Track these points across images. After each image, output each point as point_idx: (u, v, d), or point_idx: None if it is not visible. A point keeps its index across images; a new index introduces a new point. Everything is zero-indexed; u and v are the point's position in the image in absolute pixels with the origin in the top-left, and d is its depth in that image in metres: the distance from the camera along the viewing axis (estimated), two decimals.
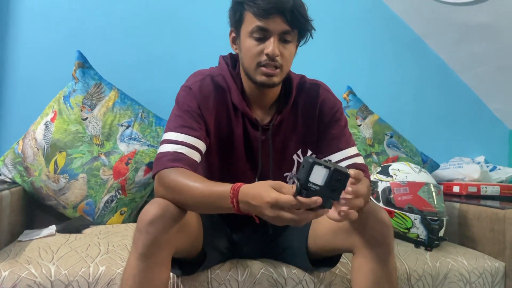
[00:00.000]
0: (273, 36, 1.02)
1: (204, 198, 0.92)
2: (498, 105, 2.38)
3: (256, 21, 1.02)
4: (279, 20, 1.01)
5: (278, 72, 1.05)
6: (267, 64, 1.03)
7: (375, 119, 2.06)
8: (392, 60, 2.29)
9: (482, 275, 1.40)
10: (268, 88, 1.10)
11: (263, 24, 1.01)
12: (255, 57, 1.04)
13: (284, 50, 1.04)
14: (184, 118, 1.07)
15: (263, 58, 1.03)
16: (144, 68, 1.94)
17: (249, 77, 1.09)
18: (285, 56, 1.05)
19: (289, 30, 1.03)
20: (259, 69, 1.05)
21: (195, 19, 2.02)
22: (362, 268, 1.02)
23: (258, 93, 1.14)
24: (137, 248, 0.91)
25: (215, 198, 0.91)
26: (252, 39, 1.04)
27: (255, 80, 1.07)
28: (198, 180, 0.95)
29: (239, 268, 1.18)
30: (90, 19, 1.90)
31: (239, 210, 0.88)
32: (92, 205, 1.59)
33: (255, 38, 1.03)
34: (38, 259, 1.16)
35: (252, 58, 1.05)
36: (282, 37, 1.03)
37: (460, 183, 1.97)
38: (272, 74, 1.04)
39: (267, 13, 1.00)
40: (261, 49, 1.03)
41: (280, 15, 1.00)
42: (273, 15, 1.00)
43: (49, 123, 1.59)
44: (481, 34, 2.06)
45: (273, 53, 1.02)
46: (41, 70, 1.83)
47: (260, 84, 1.07)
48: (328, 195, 0.80)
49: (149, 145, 1.67)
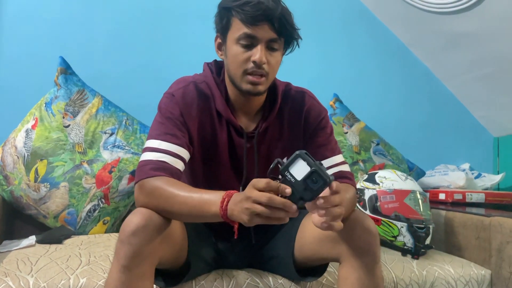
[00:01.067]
0: (260, 44, 1.01)
1: (191, 203, 0.91)
2: (483, 112, 2.40)
3: (243, 27, 1.00)
4: (266, 28, 1.00)
5: (264, 81, 1.04)
6: (253, 72, 1.02)
7: (362, 126, 2.07)
8: (378, 68, 2.31)
9: (468, 283, 1.40)
10: (253, 96, 1.09)
11: (251, 31, 1.00)
12: (241, 64, 1.03)
13: (270, 58, 1.03)
14: (166, 125, 1.05)
15: (249, 65, 1.02)
16: (128, 75, 1.92)
17: (234, 84, 1.08)
18: (272, 64, 1.04)
19: (276, 38, 1.02)
20: (245, 77, 1.03)
21: (180, 25, 2.01)
22: (348, 277, 1.01)
23: (243, 100, 1.12)
24: (119, 260, 0.89)
25: (202, 203, 0.90)
26: (239, 46, 1.02)
27: (240, 88, 1.06)
28: (183, 187, 0.94)
29: (224, 279, 1.16)
30: (73, 25, 1.88)
31: (225, 213, 0.86)
32: (73, 214, 1.55)
33: (242, 45, 1.02)
34: (16, 271, 1.12)
35: (238, 65, 1.03)
36: (269, 45, 1.02)
37: (446, 190, 1.98)
38: (257, 82, 1.03)
39: (255, 20, 0.99)
40: (248, 56, 1.02)
41: (268, 22, 1.00)
42: (261, 23, 0.99)
43: (30, 130, 1.56)
44: (466, 43, 2.08)
45: (260, 61, 1.00)
46: (22, 76, 1.80)
47: (245, 92, 1.06)
48: (301, 193, 0.80)
49: (133, 153, 1.64)
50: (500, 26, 1.90)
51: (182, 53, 1.98)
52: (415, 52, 2.35)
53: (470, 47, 2.09)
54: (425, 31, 2.21)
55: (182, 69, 1.31)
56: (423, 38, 2.26)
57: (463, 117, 2.43)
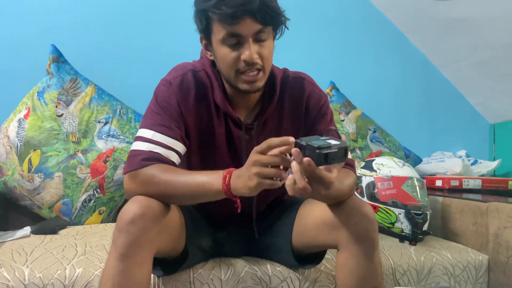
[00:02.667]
0: (247, 41, 0.95)
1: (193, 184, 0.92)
2: (479, 99, 2.40)
3: (225, 27, 0.94)
4: (249, 22, 0.93)
5: (261, 76, 1.00)
6: (246, 70, 0.98)
7: (358, 114, 2.06)
8: (374, 55, 2.29)
9: (466, 269, 1.40)
10: (253, 93, 1.05)
11: (233, 29, 0.94)
12: (232, 65, 0.98)
13: (262, 50, 0.98)
14: (162, 115, 1.02)
15: (241, 65, 0.97)
16: (122, 62, 1.89)
17: (230, 84, 1.04)
18: (265, 55, 0.99)
19: (262, 28, 0.96)
20: (239, 77, 0.99)
21: (175, 10, 1.96)
22: (347, 264, 1.00)
23: (240, 95, 1.08)
24: (117, 248, 0.88)
25: (203, 182, 0.91)
26: (225, 47, 0.97)
27: (237, 88, 1.02)
28: (180, 171, 0.95)
29: (222, 267, 1.15)
30: (65, 11, 1.84)
31: (228, 188, 0.88)
32: (69, 204, 1.54)
33: (228, 45, 0.97)
34: (11, 261, 1.10)
35: (229, 67, 0.99)
36: (257, 37, 0.97)
37: (442, 177, 1.98)
38: (254, 80, 0.99)
39: (234, 17, 0.92)
40: (237, 55, 0.97)
41: (249, 16, 0.92)
42: (241, 18, 0.92)
43: (22, 120, 1.53)
44: (462, 29, 2.07)
45: (251, 59, 0.95)
46: (14, 64, 1.76)
47: (244, 92, 1.02)
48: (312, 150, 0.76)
49: (128, 142, 1.62)
50: (496, 12, 1.88)
51: (177, 41, 1.95)
52: (411, 39, 2.33)
53: (466, 33, 2.08)
54: (421, 18, 2.19)
55: (178, 57, 1.28)
56: (419, 25, 2.24)
57: (459, 104, 2.42)
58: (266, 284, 1.15)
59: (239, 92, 1.05)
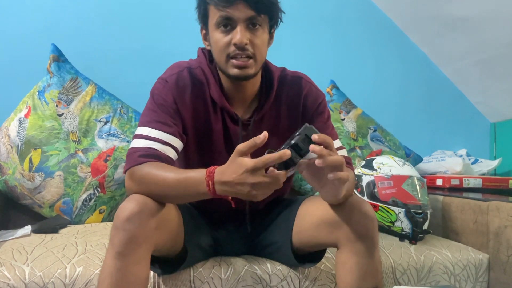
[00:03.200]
0: (239, 25, 0.98)
1: (180, 186, 0.90)
2: (479, 98, 2.40)
3: (219, 11, 0.98)
4: (242, 7, 0.96)
5: (252, 63, 1.01)
6: (237, 54, 0.99)
7: (359, 113, 2.05)
8: (374, 54, 2.29)
9: (466, 268, 1.40)
10: (243, 80, 1.05)
11: (226, 13, 0.97)
12: (223, 49, 1.00)
13: (254, 38, 0.99)
14: (158, 112, 1.02)
15: (231, 49, 0.99)
16: (123, 62, 1.89)
17: (222, 71, 1.05)
18: (257, 44, 1.00)
19: (254, 15, 0.98)
20: (229, 61, 1.00)
21: (174, 9, 1.97)
22: (346, 262, 1.00)
23: (236, 87, 1.09)
24: (114, 246, 0.88)
25: (191, 183, 0.89)
26: (218, 32, 1.00)
27: (228, 74, 1.03)
28: (172, 169, 0.93)
29: (222, 266, 1.15)
30: (65, 11, 1.83)
31: (215, 193, 0.86)
32: (69, 203, 1.54)
33: (221, 30, 0.99)
34: (12, 260, 1.11)
35: (221, 51, 1.00)
36: (249, 23, 0.99)
37: (443, 176, 1.97)
38: (244, 65, 1.00)
39: (228, 1, 0.96)
40: (229, 39, 0.99)
41: (242, 1, 0.96)
42: (235, 2, 0.96)
43: (23, 119, 1.53)
44: (462, 28, 2.07)
45: (240, 42, 0.97)
46: (14, 64, 1.76)
47: (234, 77, 1.03)
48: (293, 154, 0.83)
49: (128, 141, 1.62)
50: (497, 10, 1.88)
51: (177, 40, 1.95)
52: (411, 38, 2.33)
53: (467, 32, 2.08)
54: (421, 16, 2.19)
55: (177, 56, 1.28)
56: (420, 24, 2.24)
57: (459, 103, 2.42)
58: (266, 283, 1.15)
59: (232, 82, 1.07)
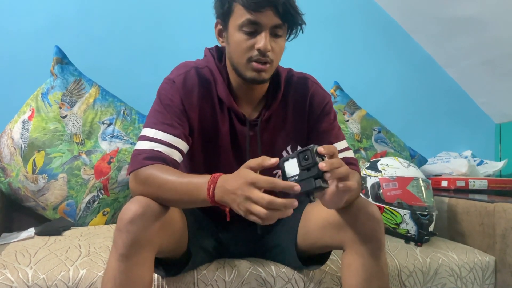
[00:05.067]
0: (264, 31, 0.97)
1: (181, 190, 0.89)
2: (484, 99, 2.38)
3: (246, 14, 0.97)
4: (270, 14, 0.96)
5: (268, 68, 1.01)
6: (258, 59, 0.99)
7: (363, 114, 2.04)
8: (378, 54, 2.28)
9: (472, 270, 1.39)
10: (257, 84, 1.06)
11: (254, 17, 0.96)
12: (245, 52, 0.99)
13: (275, 45, 1.00)
14: (164, 114, 1.02)
15: (254, 53, 0.99)
16: (126, 63, 1.89)
17: (237, 72, 1.05)
18: (276, 51, 1.01)
19: (280, 24, 0.99)
20: (249, 64, 1.00)
21: (179, 10, 1.97)
22: (352, 265, 0.99)
23: (245, 88, 1.09)
24: (118, 248, 0.87)
25: (192, 188, 0.88)
26: (242, 33, 0.99)
27: (244, 76, 1.03)
28: (175, 173, 0.92)
29: (226, 268, 1.14)
30: (68, 13, 1.84)
31: (213, 199, 0.85)
32: (73, 206, 1.53)
33: (245, 32, 0.98)
34: (15, 263, 1.10)
35: (242, 53, 1.00)
36: (273, 31, 0.99)
37: (448, 177, 1.96)
38: (262, 69, 1.00)
39: (258, 6, 0.95)
40: (252, 43, 0.98)
41: (272, 8, 0.96)
42: (265, 8, 0.95)
43: (26, 121, 1.53)
44: (466, 28, 2.06)
45: (265, 48, 0.97)
46: (18, 66, 1.76)
47: (250, 80, 1.03)
48: (308, 176, 0.82)
49: (132, 143, 1.62)
50: (501, 10, 1.87)
51: (179, 41, 1.95)
52: (416, 39, 2.32)
53: (471, 32, 2.06)
54: (425, 17, 2.18)
55: (180, 57, 1.28)
56: (424, 24, 2.23)
57: (464, 104, 2.41)
58: (270, 285, 1.14)
59: (243, 82, 1.06)
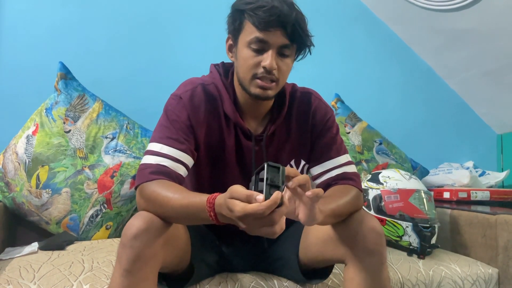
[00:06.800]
0: (271, 49, 0.99)
1: (184, 210, 0.89)
2: (485, 110, 2.39)
3: (255, 32, 0.99)
4: (279, 34, 0.98)
5: (274, 86, 1.03)
6: (263, 77, 1.01)
7: (364, 126, 2.05)
8: (379, 67, 2.30)
9: (476, 282, 1.38)
10: (262, 100, 1.07)
11: (263, 36, 0.98)
12: (251, 69, 1.01)
13: (281, 64, 1.02)
14: (170, 129, 1.03)
15: (259, 70, 1.01)
16: (129, 78, 1.91)
17: (243, 87, 1.06)
18: (282, 70, 1.03)
19: (288, 44, 1.00)
20: (254, 81, 1.02)
21: (180, 28, 2.00)
22: (354, 279, 0.99)
23: (251, 103, 1.11)
24: (121, 264, 0.87)
25: (193, 210, 0.87)
26: (249, 50, 1.01)
27: (249, 91, 1.05)
28: (178, 191, 0.92)
29: (229, 282, 1.14)
30: (72, 29, 1.86)
31: (219, 223, 0.85)
32: (76, 220, 1.54)
33: (253, 49, 1.00)
34: (19, 278, 1.11)
35: (248, 69, 1.02)
36: (281, 50, 1.01)
37: (450, 189, 1.96)
38: (267, 87, 1.02)
39: (268, 25, 0.97)
40: (258, 61, 1.00)
41: (281, 28, 0.98)
42: (273, 28, 0.97)
43: (30, 136, 1.55)
44: (466, 40, 2.07)
45: (270, 67, 0.99)
46: (22, 81, 1.78)
47: (254, 96, 1.04)
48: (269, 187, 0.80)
49: (135, 157, 1.63)
50: (501, 22, 1.89)
51: (182, 56, 1.97)
52: (416, 51, 2.34)
53: (471, 44, 2.08)
54: (425, 29, 2.20)
55: (183, 72, 1.30)
56: (424, 36, 2.25)
57: (465, 115, 2.42)
58: None
59: (249, 98, 1.08)
